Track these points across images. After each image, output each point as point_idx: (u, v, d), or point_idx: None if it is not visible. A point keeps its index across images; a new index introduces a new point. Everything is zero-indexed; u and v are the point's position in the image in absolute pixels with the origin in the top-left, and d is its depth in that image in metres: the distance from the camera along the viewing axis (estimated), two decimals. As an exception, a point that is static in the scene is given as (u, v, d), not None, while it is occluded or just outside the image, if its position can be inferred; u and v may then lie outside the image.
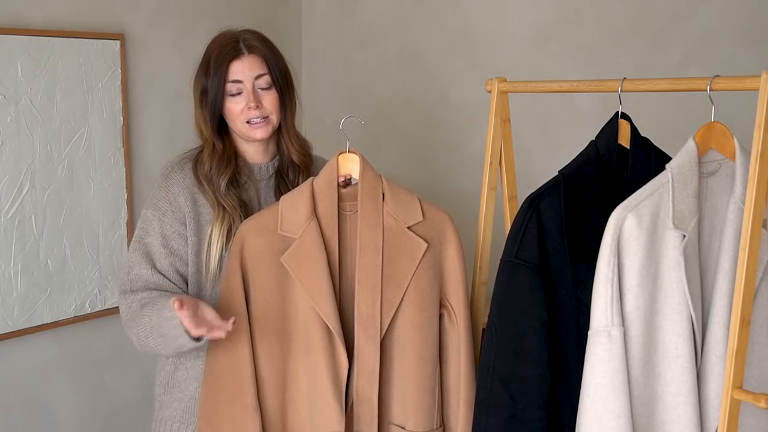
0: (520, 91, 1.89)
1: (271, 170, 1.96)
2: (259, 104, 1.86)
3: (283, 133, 1.95)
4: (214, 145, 1.89)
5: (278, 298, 1.73)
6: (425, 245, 1.74)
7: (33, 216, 2.42)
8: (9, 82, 2.34)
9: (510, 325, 1.61)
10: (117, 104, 2.61)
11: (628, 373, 1.47)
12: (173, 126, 2.80)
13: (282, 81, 1.90)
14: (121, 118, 2.62)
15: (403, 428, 1.75)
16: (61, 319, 2.51)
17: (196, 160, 1.91)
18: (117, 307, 2.60)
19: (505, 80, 1.84)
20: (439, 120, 3.01)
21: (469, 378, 1.76)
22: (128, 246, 2.61)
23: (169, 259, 1.84)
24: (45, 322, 2.47)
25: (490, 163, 1.87)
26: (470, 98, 2.87)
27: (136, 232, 1.90)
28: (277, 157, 1.98)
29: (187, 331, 1.66)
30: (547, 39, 2.75)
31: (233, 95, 1.86)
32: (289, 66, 1.94)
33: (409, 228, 1.75)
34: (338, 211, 1.76)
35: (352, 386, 1.71)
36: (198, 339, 1.69)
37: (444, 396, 1.80)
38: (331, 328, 1.69)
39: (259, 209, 1.91)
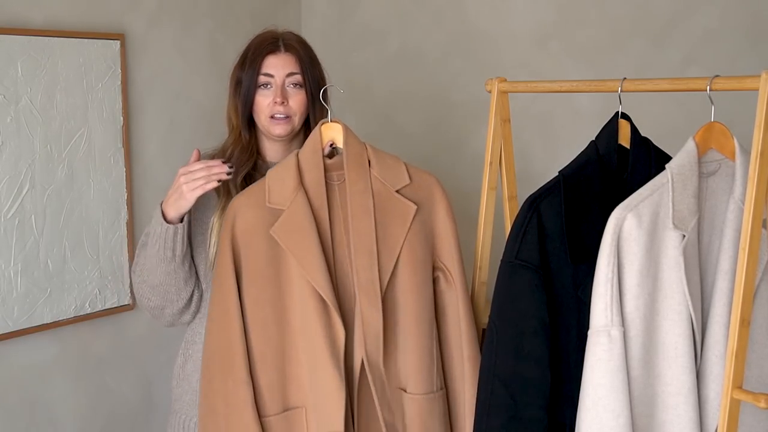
0: (520, 91, 1.89)
1: None
2: (285, 101, 1.91)
3: None
4: (240, 134, 1.95)
5: (272, 272, 1.72)
6: (415, 207, 1.75)
7: (33, 216, 2.42)
8: (9, 82, 2.34)
9: (510, 326, 1.61)
10: (117, 104, 2.61)
11: (628, 373, 1.47)
12: (173, 126, 2.80)
13: (313, 85, 1.94)
14: (121, 118, 2.62)
15: (404, 390, 1.75)
16: (61, 319, 2.51)
17: (213, 156, 1.96)
18: (117, 307, 2.63)
19: (505, 80, 1.84)
20: (439, 119, 3.01)
21: (470, 336, 1.76)
22: (128, 246, 2.63)
23: None
24: (45, 322, 2.47)
25: (490, 163, 1.87)
26: (470, 98, 2.87)
27: (151, 223, 1.94)
28: None
29: (163, 213, 1.81)
30: (547, 39, 2.75)
31: (263, 87, 1.91)
32: (326, 74, 2.00)
33: (397, 191, 1.76)
34: (326, 181, 1.76)
35: (358, 354, 1.70)
36: (170, 222, 1.81)
37: (446, 358, 1.80)
38: (324, 297, 1.68)
39: None
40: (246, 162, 1.93)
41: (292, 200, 1.72)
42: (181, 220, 1.83)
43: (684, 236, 1.47)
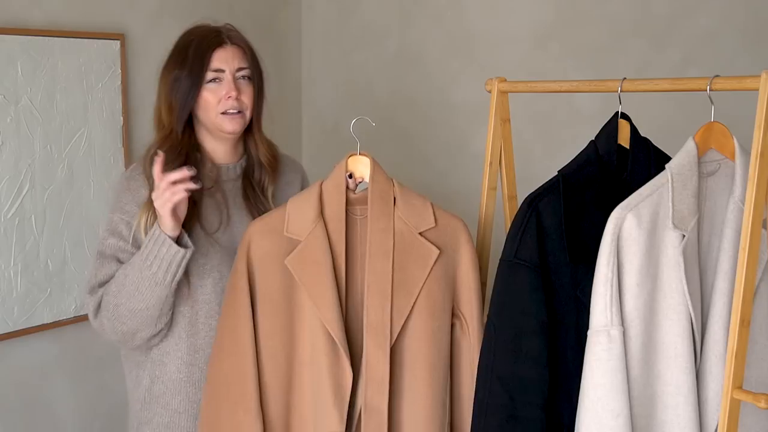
0: (520, 91, 1.89)
1: (239, 171, 1.93)
2: (238, 94, 1.83)
3: (255, 132, 1.93)
4: (171, 132, 1.83)
5: (285, 302, 1.69)
6: (437, 252, 1.69)
7: (33, 216, 2.42)
8: (9, 82, 2.34)
9: (509, 325, 1.61)
10: (117, 104, 2.61)
11: (628, 372, 1.47)
12: (173, 126, 2.80)
13: (259, 79, 1.89)
14: (121, 118, 2.62)
15: None
16: (61, 319, 2.51)
17: (149, 151, 1.85)
18: (117, 307, 2.63)
19: (505, 80, 1.84)
20: (439, 120, 3.01)
21: None
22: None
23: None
24: (45, 322, 2.47)
25: (490, 163, 1.87)
26: (470, 98, 2.87)
27: (101, 236, 1.86)
28: (244, 157, 1.95)
29: (169, 236, 1.68)
30: (547, 39, 2.75)
31: (211, 83, 1.82)
32: (263, 68, 1.92)
33: (420, 234, 1.70)
34: (348, 215, 1.72)
35: (361, 397, 1.66)
36: (180, 242, 1.70)
37: (456, 407, 1.76)
38: (334, 336, 1.64)
39: (227, 211, 1.88)
40: (174, 160, 1.78)
41: (310, 232, 1.68)
42: (181, 242, 1.73)
43: (684, 236, 1.47)
